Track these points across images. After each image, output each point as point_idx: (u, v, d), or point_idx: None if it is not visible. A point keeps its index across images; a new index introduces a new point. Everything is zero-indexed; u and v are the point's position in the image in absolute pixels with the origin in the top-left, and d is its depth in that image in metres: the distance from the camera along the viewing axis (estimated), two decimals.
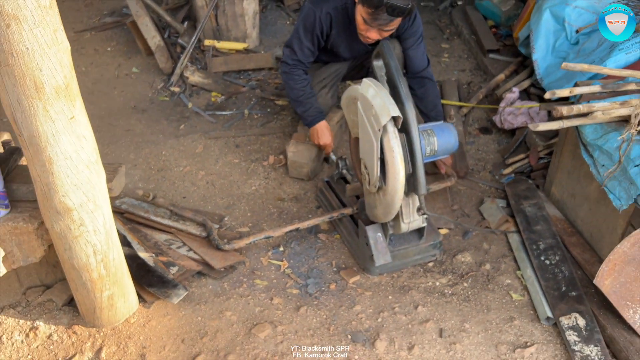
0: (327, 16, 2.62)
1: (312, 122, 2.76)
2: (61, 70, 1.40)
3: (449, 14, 4.61)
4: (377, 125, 1.97)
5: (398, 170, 1.97)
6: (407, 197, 2.14)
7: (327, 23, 2.64)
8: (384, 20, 2.41)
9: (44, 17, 1.31)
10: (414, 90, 2.82)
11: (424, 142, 2.14)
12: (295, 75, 2.74)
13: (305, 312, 2.17)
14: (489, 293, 2.27)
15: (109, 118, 3.34)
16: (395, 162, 1.97)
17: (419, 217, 2.20)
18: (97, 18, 4.47)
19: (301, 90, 2.74)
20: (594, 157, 2.18)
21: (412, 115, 2.00)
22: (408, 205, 2.16)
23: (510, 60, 3.71)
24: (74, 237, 1.69)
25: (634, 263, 1.96)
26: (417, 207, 2.17)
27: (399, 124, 1.97)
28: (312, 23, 2.63)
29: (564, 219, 2.52)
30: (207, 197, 2.77)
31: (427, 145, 2.15)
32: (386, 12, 2.36)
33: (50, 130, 1.45)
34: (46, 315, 2.02)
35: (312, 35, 2.67)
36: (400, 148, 1.97)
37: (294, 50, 2.71)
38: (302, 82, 2.75)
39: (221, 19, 3.85)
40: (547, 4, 3.21)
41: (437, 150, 2.17)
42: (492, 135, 3.25)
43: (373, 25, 2.45)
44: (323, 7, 2.61)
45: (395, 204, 2.05)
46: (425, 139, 2.14)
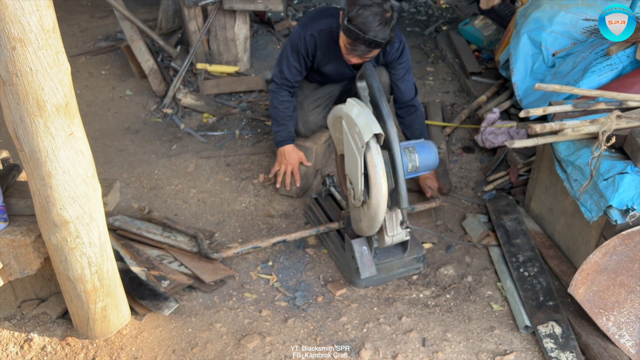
0: (312, 37, 2.74)
1: (281, 143, 2.90)
2: (62, 89, 1.49)
3: (434, 39, 4.78)
4: (360, 142, 2.08)
5: (381, 185, 2.07)
6: (390, 211, 2.23)
7: (312, 44, 2.76)
8: (362, 51, 2.52)
9: (47, 40, 1.41)
10: (402, 118, 2.96)
11: (405, 159, 2.24)
12: (280, 95, 2.87)
13: (293, 323, 2.24)
14: (470, 304, 2.35)
15: (102, 139, 3.43)
16: (378, 177, 2.07)
17: (402, 230, 2.29)
18: (92, 43, 4.59)
19: (281, 111, 2.87)
20: (568, 172, 2.29)
21: (393, 133, 2.11)
22: (391, 219, 2.25)
23: (491, 82, 3.85)
24: (70, 249, 1.76)
25: (605, 272, 2.06)
26: (400, 221, 2.26)
27: (381, 141, 2.08)
28: (297, 43, 2.77)
29: (542, 233, 2.62)
30: (198, 214, 2.85)
31: (409, 162, 2.25)
32: (364, 45, 2.47)
33: (50, 145, 1.54)
34: (40, 328, 2.08)
35: (298, 55, 2.80)
36: (382, 164, 2.07)
37: (282, 69, 2.84)
38: (285, 104, 2.87)
39: (213, 43, 3.97)
40: (524, 29, 3.36)
41: (418, 167, 2.27)
42: (475, 154, 3.36)
43: (352, 54, 2.58)
44: (308, 29, 2.74)
45: (379, 217, 2.14)
46: (407, 156, 2.25)
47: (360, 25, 2.41)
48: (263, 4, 3.80)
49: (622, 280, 2.06)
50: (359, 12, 2.41)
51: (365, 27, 2.41)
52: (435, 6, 5.47)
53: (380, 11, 2.43)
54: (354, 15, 2.42)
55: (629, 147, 2.09)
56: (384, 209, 2.11)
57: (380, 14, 2.43)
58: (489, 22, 4.24)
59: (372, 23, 2.41)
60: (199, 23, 3.89)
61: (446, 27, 4.89)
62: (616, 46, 2.75)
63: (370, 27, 2.41)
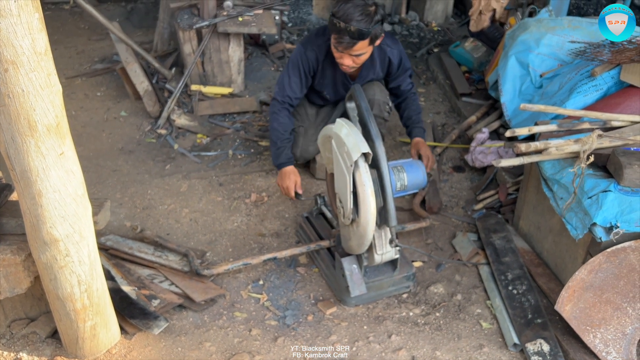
0: (313, 52, 2.85)
1: (282, 165, 2.88)
2: (53, 110, 1.53)
3: (426, 61, 4.85)
4: (349, 161, 2.12)
5: (369, 203, 2.10)
6: (379, 230, 2.26)
7: (313, 59, 2.86)
8: (347, 43, 2.63)
9: (39, 63, 1.45)
10: (400, 104, 3.15)
11: (394, 177, 2.28)
12: (280, 116, 2.90)
13: (282, 342, 2.24)
14: (460, 322, 2.36)
15: (97, 159, 3.46)
16: (367, 196, 2.10)
17: (392, 248, 2.31)
18: (88, 65, 4.65)
19: (281, 134, 2.90)
20: (554, 190, 2.32)
21: (382, 152, 2.15)
22: (380, 237, 2.27)
23: (481, 103, 3.91)
24: (59, 267, 1.78)
25: (591, 289, 2.08)
26: (389, 239, 2.29)
27: (369, 160, 2.12)
28: (299, 60, 2.87)
29: (531, 251, 2.64)
30: (190, 234, 2.87)
31: (397, 181, 2.28)
32: (348, 36, 2.58)
33: (41, 165, 1.57)
34: (30, 347, 2.08)
35: (299, 71, 2.88)
36: (371, 182, 2.10)
37: (283, 86, 2.91)
38: (284, 126, 2.91)
39: (207, 65, 4.03)
40: (512, 50, 3.43)
41: (407, 185, 2.31)
42: (465, 173, 3.40)
43: (339, 49, 2.67)
44: (308, 46, 2.86)
45: (368, 234, 2.17)
46: (395, 174, 2.29)
47: (342, 16, 2.57)
48: (256, 27, 3.87)
49: (608, 297, 2.08)
50: (341, 6, 2.59)
51: (347, 17, 2.56)
52: (427, 29, 5.56)
53: (362, 4, 2.59)
54: (337, 10, 2.60)
55: (611, 165, 2.13)
56: (373, 227, 2.13)
57: (362, 7, 2.59)
58: (479, 44, 4.32)
59: (354, 13, 2.56)
60: (193, 45, 3.95)
61: (437, 50, 4.97)
62: (600, 68, 2.81)
63: (352, 17, 2.55)
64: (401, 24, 5.63)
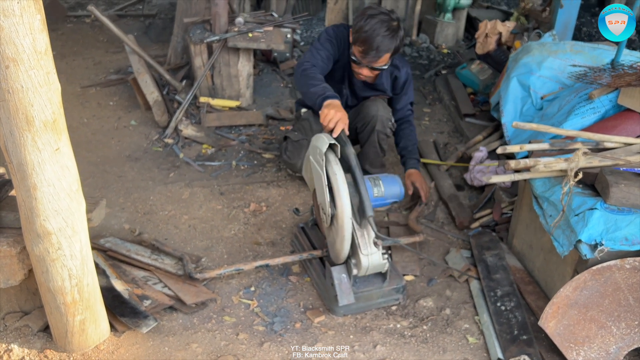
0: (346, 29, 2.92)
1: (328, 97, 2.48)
2: (50, 107, 1.61)
3: (433, 82, 4.92)
4: (320, 157, 2.25)
5: (342, 190, 2.22)
6: (361, 229, 2.34)
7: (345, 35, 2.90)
8: (372, 57, 2.72)
9: (38, 61, 1.54)
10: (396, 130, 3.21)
11: (369, 183, 2.45)
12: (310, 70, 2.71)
13: (268, 347, 2.27)
14: (446, 336, 2.37)
15: (103, 165, 3.55)
16: (339, 183, 2.23)
17: (378, 250, 2.34)
18: (103, 75, 4.80)
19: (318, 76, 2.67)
20: (544, 208, 2.34)
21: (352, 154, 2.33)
22: (364, 237, 2.34)
23: (485, 124, 3.95)
24: (51, 260, 1.84)
25: (576, 307, 2.08)
26: (373, 239, 2.33)
27: (337, 153, 2.27)
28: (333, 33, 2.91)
29: (523, 269, 2.65)
30: (187, 239, 2.93)
31: (374, 186, 2.44)
32: (374, 50, 2.68)
33: (36, 159, 1.64)
34: (21, 340, 2.14)
35: (330, 44, 2.88)
36: (342, 171, 2.25)
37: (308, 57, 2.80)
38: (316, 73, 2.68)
39: (217, 78, 4.14)
40: (514, 72, 3.47)
41: (384, 191, 2.47)
42: (464, 192, 3.42)
43: (364, 62, 2.76)
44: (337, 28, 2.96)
45: (346, 225, 2.24)
46: (371, 182, 2.45)
47: (369, 31, 2.66)
48: (265, 43, 3.98)
49: (593, 315, 2.07)
50: (367, 21, 2.68)
51: (373, 33, 2.66)
52: (437, 51, 5.63)
53: (387, 19, 2.69)
54: (363, 24, 2.68)
55: (599, 184, 2.14)
56: (349, 213, 2.22)
57: (387, 22, 2.69)
58: (485, 66, 4.37)
59: (380, 29, 2.67)
60: (204, 59, 4.07)
61: (445, 71, 5.03)
62: (598, 91, 2.84)
63: (379, 32, 2.66)
64: (412, 45, 5.71)
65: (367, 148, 3.19)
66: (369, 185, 2.37)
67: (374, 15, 2.68)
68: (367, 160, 3.24)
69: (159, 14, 6.23)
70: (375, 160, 3.25)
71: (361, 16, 2.73)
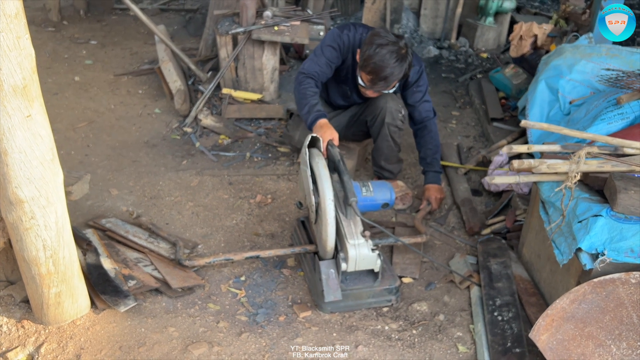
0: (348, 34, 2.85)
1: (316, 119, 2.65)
2: (20, 72, 1.60)
3: (466, 86, 4.74)
4: (305, 152, 2.29)
5: (324, 174, 2.23)
6: (347, 220, 2.30)
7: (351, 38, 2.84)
8: (381, 86, 2.71)
9: (7, 25, 1.54)
10: (416, 137, 3.12)
11: (358, 184, 2.46)
12: (305, 83, 2.78)
13: (246, 337, 2.20)
14: (435, 342, 2.23)
15: (120, 149, 3.60)
16: (320, 169, 2.27)
17: (365, 241, 2.24)
18: (137, 65, 4.90)
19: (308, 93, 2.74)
20: (549, 214, 2.17)
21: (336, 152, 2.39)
22: (350, 226, 2.28)
23: (512, 129, 3.75)
24: (25, 229, 1.85)
25: (573, 321, 1.90)
26: (360, 230, 2.25)
27: (320, 147, 2.32)
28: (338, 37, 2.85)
29: (529, 280, 2.47)
30: (188, 226, 2.90)
31: (362, 186, 2.44)
32: (383, 81, 2.65)
33: (6, 124, 1.64)
34: (2, 308, 2.16)
35: (331, 50, 2.84)
36: (323, 160, 2.29)
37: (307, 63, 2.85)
38: (310, 89, 2.76)
39: (241, 71, 4.13)
40: (543, 75, 3.28)
41: (373, 192, 2.44)
42: (482, 197, 3.25)
43: (375, 89, 2.75)
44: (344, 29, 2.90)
45: (329, 207, 2.18)
46: (360, 184, 2.47)
47: (379, 61, 2.61)
48: (290, 36, 3.94)
49: (591, 332, 1.89)
50: (376, 51, 2.61)
51: (383, 63, 2.61)
52: (476, 55, 5.44)
53: (396, 49, 2.62)
54: (372, 54, 2.61)
55: (607, 190, 1.96)
56: (331, 195, 2.19)
57: (397, 52, 2.62)
58: (519, 70, 4.17)
59: (390, 60, 2.61)
60: (228, 50, 4.07)
61: (481, 76, 4.85)
62: (628, 96, 2.63)
63: (389, 63, 2.61)
64: (450, 49, 5.54)
65: (380, 142, 3.09)
66: (357, 186, 2.39)
67: (383, 45, 2.60)
68: (381, 156, 3.13)
69: (201, 8, 6.32)
70: (390, 155, 3.13)
71: (369, 45, 2.63)
